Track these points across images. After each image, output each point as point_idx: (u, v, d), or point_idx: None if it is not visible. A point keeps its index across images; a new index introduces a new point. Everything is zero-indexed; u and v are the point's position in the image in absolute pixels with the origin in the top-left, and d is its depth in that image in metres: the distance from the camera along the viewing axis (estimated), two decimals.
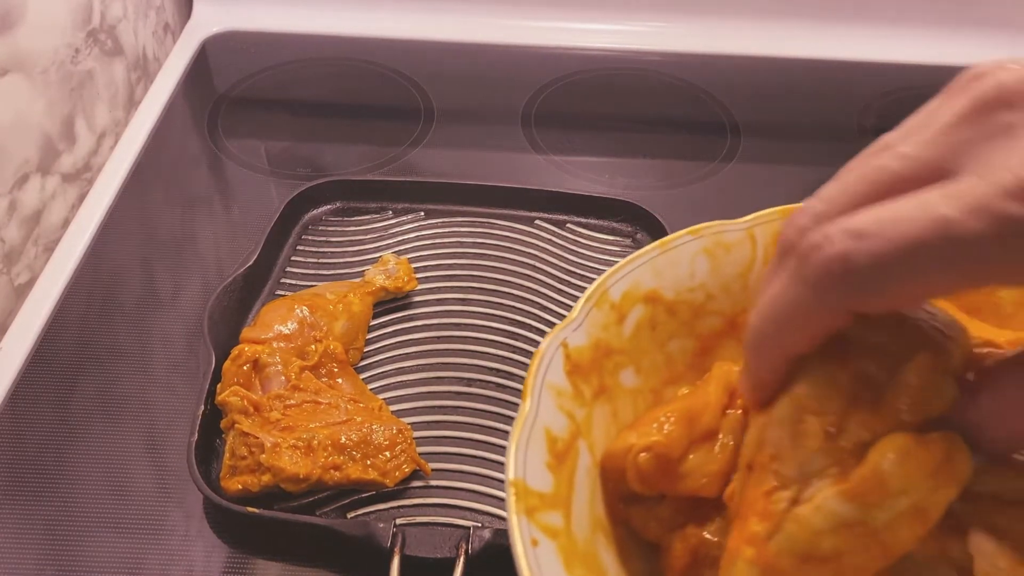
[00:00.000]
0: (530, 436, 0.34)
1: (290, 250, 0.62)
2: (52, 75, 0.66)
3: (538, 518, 0.32)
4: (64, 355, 0.56)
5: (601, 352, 0.39)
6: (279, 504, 0.47)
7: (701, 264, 0.42)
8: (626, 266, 0.40)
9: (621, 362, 0.40)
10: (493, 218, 0.65)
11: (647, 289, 0.40)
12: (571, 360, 0.37)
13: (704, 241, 0.42)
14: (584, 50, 0.85)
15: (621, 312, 0.40)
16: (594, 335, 0.39)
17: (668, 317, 0.41)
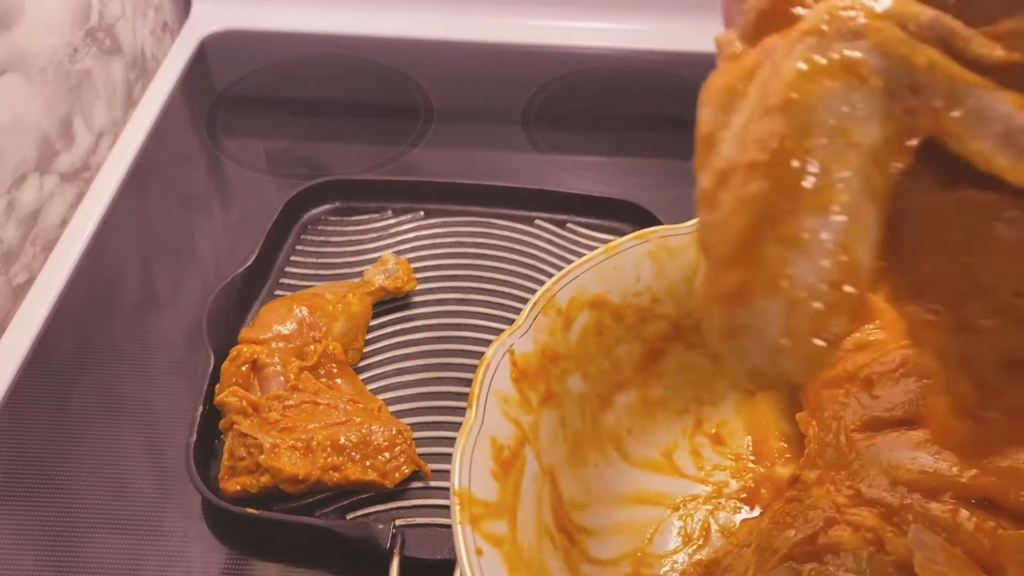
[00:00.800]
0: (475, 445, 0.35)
1: (289, 250, 0.62)
2: (50, 74, 0.66)
3: (482, 527, 0.33)
4: (62, 355, 0.56)
5: (548, 358, 0.39)
6: (278, 505, 0.47)
7: (646, 268, 0.42)
8: (572, 271, 0.41)
9: (568, 368, 0.40)
10: (493, 218, 0.64)
11: (593, 294, 0.41)
12: (517, 367, 0.38)
13: (649, 245, 0.42)
14: (584, 50, 0.85)
15: (568, 317, 0.40)
16: (540, 341, 0.39)
17: (614, 322, 0.42)
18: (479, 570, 0.31)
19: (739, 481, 0.44)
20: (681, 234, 0.43)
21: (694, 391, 0.46)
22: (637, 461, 0.44)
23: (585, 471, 0.41)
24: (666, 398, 0.45)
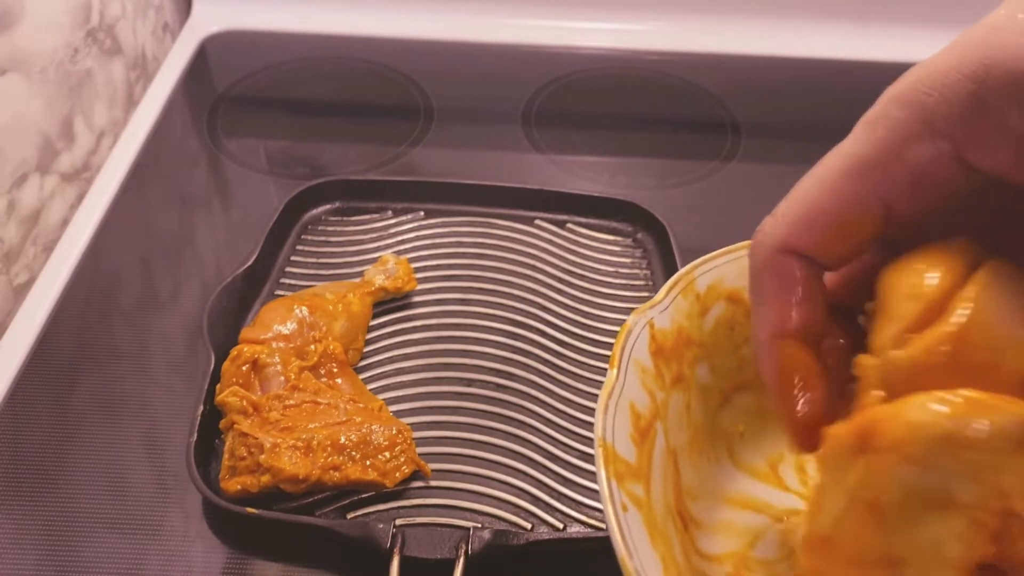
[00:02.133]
0: (617, 405, 0.34)
1: (289, 250, 0.62)
2: (51, 74, 0.66)
3: (625, 485, 0.32)
4: (63, 355, 0.56)
5: (683, 340, 0.39)
6: (278, 505, 0.47)
7: None
8: (713, 259, 0.40)
9: (699, 355, 0.40)
10: (493, 218, 0.64)
11: (731, 287, 0.40)
12: (656, 341, 0.37)
13: None
14: (584, 50, 0.85)
15: (704, 304, 0.40)
16: (677, 321, 0.39)
17: (746, 320, 0.41)
18: (626, 526, 0.31)
19: None
20: None
21: None
22: (744, 466, 0.43)
23: (699, 463, 0.41)
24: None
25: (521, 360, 0.55)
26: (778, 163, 0.74)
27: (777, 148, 0.75)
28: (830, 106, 0.80)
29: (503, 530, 0.45)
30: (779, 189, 0.79)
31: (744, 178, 0.72)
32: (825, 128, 0.78)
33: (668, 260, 0.59)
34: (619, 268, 0.61)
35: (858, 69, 0.84)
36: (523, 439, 0.51)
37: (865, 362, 0.29)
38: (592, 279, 0.60)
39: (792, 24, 0.85)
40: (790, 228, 0.29)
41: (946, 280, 0.28)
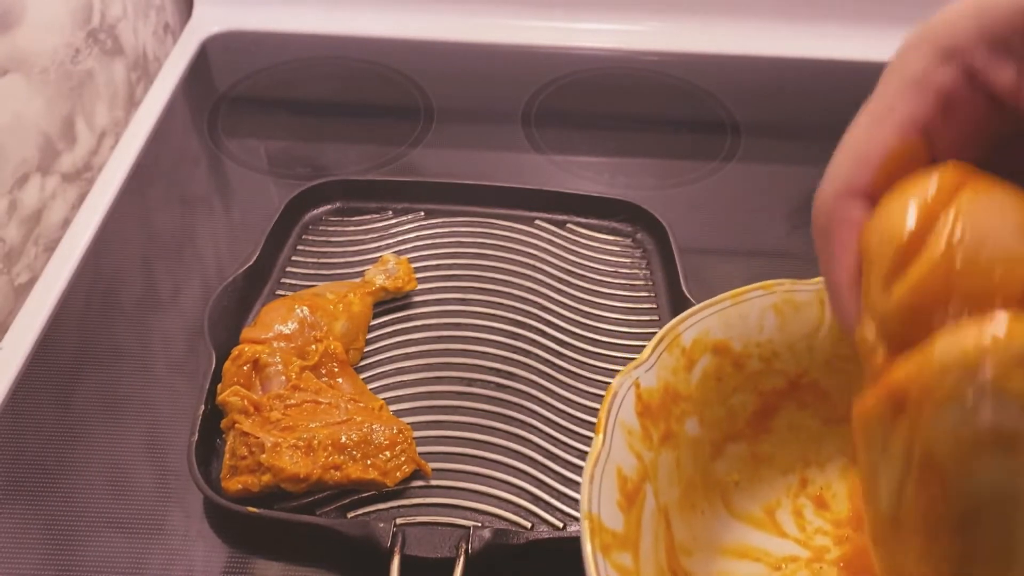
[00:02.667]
0: (603, 472, 0.34)
1: (290, 250, 0.62)
2: (52, 75, 0.66)
3: (612, 557, 0.32)
4: (64, 355, 0.56)
5: (669, 397, 0.39)
6: (279, 504, 0.47)
7: (770, 320, 0.42)
8: (697, 312, 0.40)
9: (687, 410, 0.40)
10: (493, 218, 0.65)
11: (716, 339, 0.41)
12: (642, 401, 0.37)
13: (775, 298, 0.42)
14: (584, 50, 0.85)
15: (691, 359, 0.40)
16: (664, 378, 0.39)
17: (734, 370, 0.41)
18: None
19: (839, 548, 0.43)
20: (807, 290, 0.42)
21: (801, 451, 0.45)
22: (740, 514, 0.43)
23: (693, 517, 0.41)
24: (774, 455, 0.44)
25: (521, 360, 0.55)
26: (778, 163, 0.74)
27: (777, 148, 0.75)
28: (830, 106, 0.80)
29: (503, 529, 0.45)
30: (779, 189, 0.79)
31: (744, 178, 0.72)
32: (825, 128, 0.78)
33: (668, 260, 0.59)
34: (619, 268, 0.61)
35: (858, 69, 0.84)
36: (523, 439, 0.51)
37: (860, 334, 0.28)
38: (592, 279, 0.61)
39: (792, 24, 0.85)
40: (848, 171, 0.30)
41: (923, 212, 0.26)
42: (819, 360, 0.42)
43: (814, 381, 0.43)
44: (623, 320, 0.58)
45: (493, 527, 0.46)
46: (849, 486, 0.45)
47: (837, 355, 0.42)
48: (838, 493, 0.45)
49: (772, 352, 0.42)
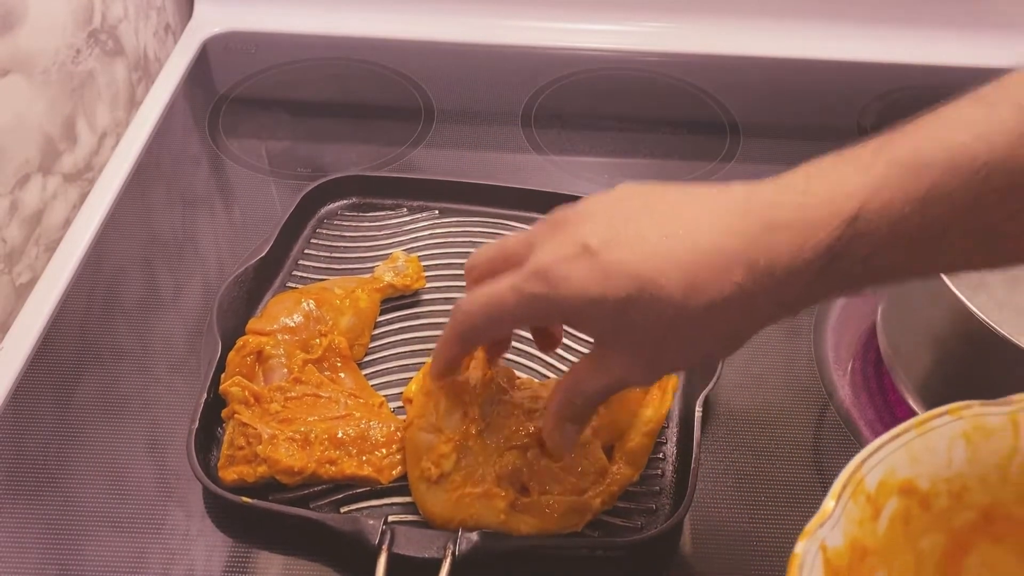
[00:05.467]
0: None
1: (304, 243, 0.62)
2: (53, 75, 0.66)
3: None
4: (65, 355, 0.57)
5: (857, 554, 0.35)
6: (274, 495, 0.47)
7: (959, 450, 0.38)
8: (880, 449, 0.36)
9: (874, 565, 0.36)
10: (507, 219, 0.64)
11: (902, 478, 0.37)
12: (831, 565, 0.33)
13: (964, 424, 0.38)
14: (584, 50, 0.85)
15: (876, 505, 0.36)
16: (850, 533, 0.35)
17: (922, 511, 0.37)
18: None
19: None
20: (1000, 412, 0.38)
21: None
22: None
23: None
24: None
25: (524, 363, 0.55)
26: (777, 163, 0.73)
27: (776, 148, 0.75)
28: (829, 106, 0.81)
29: (491, 533, 0.45)
30: None
31: (743, 178, 0.71)
32: (824, 128, 0.79)
33: None
34: None
35: (857, 69, 0.84)
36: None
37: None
38: None
39: (792, 25, 0.85)
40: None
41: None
42: (1013, 489, 0.39)
43: (1009, 513, 0.39)
44: None
45: (482, 530, 0.45)
46: None
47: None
48: None
49: (962, 486, 0.38)
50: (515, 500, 0.45)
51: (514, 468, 0.46)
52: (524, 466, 0.46)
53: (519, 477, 0.46)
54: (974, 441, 0.38)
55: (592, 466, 0.47)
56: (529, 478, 0.46)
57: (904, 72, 0.82)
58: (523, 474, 0.46)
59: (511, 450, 0.46)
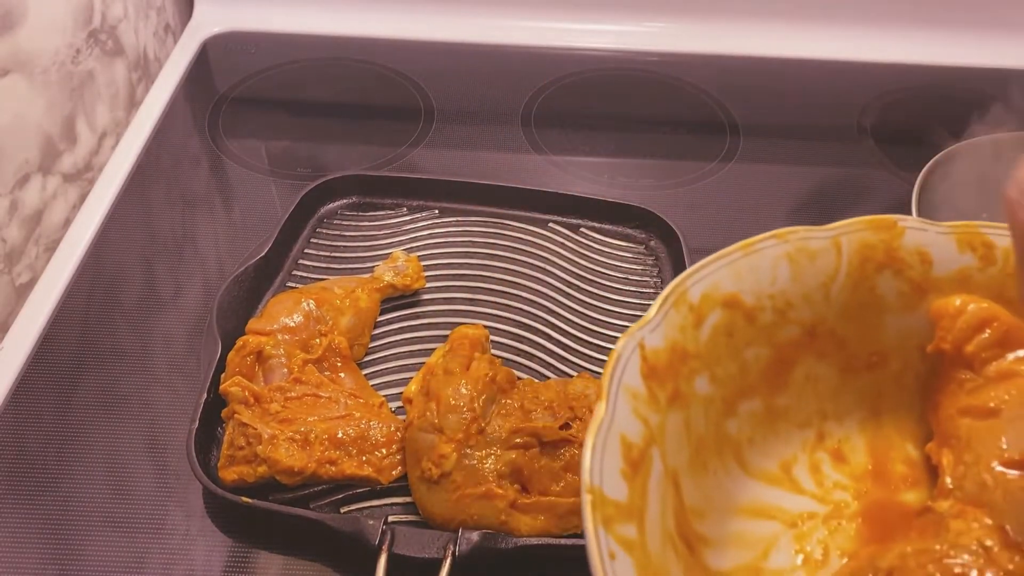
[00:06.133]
0: (606, 442, 0.33)
1: (304, 243, 0.62)
2: (53, 75, 0.66)
3: (615, 529, 0.31)
4: (65, 355, 0.57)
5: (677, 356, 0.37)
6: (274, 495, 0.47)
7: (783, 270, 0.40)
8: (706, 266, 0.39)
9: (696, 368, 0.38)
10: (507, 219, 0.64)
11: (726, 292, 0.39)
12: (648, 362, 0.36)
13: (788, 246, 0.40)
14: (584, 50, 0.85)
15: (699, 315, 0.38)
16: (671, 337, 0.37)
17: (746, 324, 0.40)
18: (612, 575, 0.30)
19: (859, 503, 0.42)
20: (823, 236, 0.41)
21: (819, 404, 0.44)
22: (755, 472, 0.42)
23: (705, 478, 0.39)
24: (789, 408, 0.43)
25: (525, 364, 0.55)
26: (778, 163, 0.74)
27: (776, 149, 0.75)
28: (829, 106, 0.81)
29: (491, 533, 0.45)
30: (779, 189, 0.79)
31: (743, 178, 0.72)
32: (824, 128, 0.79)
33: (679, 269, 0.59)
34: (629, 275, 0.61)
35: (857, 69, 0.84)
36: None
37: None
38: (601, 284, 0.60)
39: (791, 25, 0.85)
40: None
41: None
42: (837, 308, 0.41)
43: (831, 330, 0.42)
44: (628, 327, 0.58)
45: (481, 531, 0.45)
46: (868, 438, 0.44)
47: (856, 302, 0.41)
48: (857, 446, 0.43)
49: (786, 303, 0.40)
50: (515, 500, 0.45)
51: (514, 468, 0.46)
52: (524, 466, 0.46)
53: (519, 477, 0.46)
54: (798, 261, 0.40)
55: None
56: (529, 478, 0.46)
57: (904, 72, 0.82)
58: (523, 474, 0.46)
59: (512, 450, 0.46)
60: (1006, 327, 0.40)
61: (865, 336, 0.42)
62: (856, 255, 0.41)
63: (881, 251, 0.41)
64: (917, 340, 0.42)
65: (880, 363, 0.43)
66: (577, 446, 0.47)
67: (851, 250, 0.41)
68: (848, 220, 0.41)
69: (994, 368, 0.40)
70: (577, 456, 0.47)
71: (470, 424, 0.46)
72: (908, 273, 0.41)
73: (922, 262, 0.41)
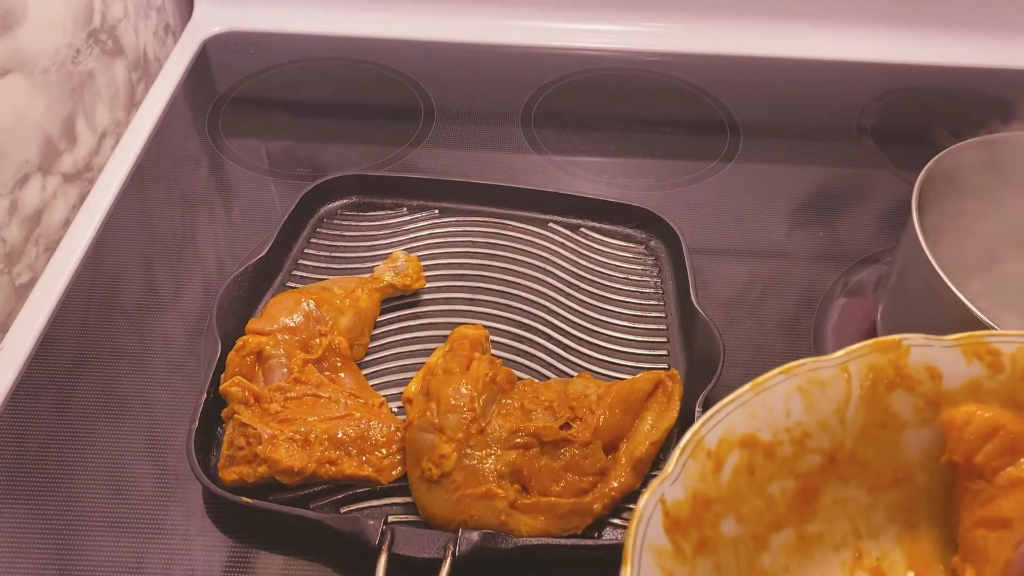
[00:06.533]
0: None
1: (304, 243, 0.62)
2: (53, 75, 0.66)
3: None
4: (65, 355, 0.57)
5: (700, 504, 0.38)
6: (274, 495, 0.47)
7: (796, 403, 0.41)
8: (719, 412, 0.39)
9: (720, 512, 0.39)
10: (507, 219, 0.64)
11: (743, 433, 0.40)
12: (670, 516, 0.36)
13: (797, 379, 0.41)
14: (584, 50, 0.85)
15: (718, 460, 0.39)
16: (691, 487, 0.37)
17: (766, 460, 0.40)
18: None
19: None
20: (830, 365, 0.41)
21: (852, 524, 0.44)
22: None
23: None
24: (823, 533, 0.43)
25: (525, 364, 0.55)
26: (778, 163, 0.74)
27: (776, 149, 0.75)
28: (829, 107, 0.81)
29: (491, 533, 0.45)
30: (779, 189, 0.79)
31: (743, 178, 0.72)
32: (824, 128, 0.79)
33: (679, 270, 0.59)
34: (629, 275, 0.61)
35: (858, 69, 0.84)
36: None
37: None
38: (602, 284, 0.60)
39: (792, 25, 0.85)
40: None
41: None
42: (854, 431, 0.42)
43: (852, 453, 0.42)
44: (630, 328, 0.58)
45: (482, 531, 0.45)
46: (906, 552, 0.44)
47: (872, 423, 0.42)
48: (896, 561, 0.44)
49: (804, 433, 0.41)
50: (515, 500, 0.45)
51: (514, 468, 0.46)
52: (524, 466, 0.46)
53: (519, 477, 0.46)
54: (809, 393, 0.41)
55: (593, 466, 0.47)
56: (529, 478, 0.46)
57: (904, 72, 0.82)
58: (523, 474, 0.46)
59: (512, 450, 0.46)
60: (1013, 434, 0.40)
61: (887, 454, 0.43)
62: (866, 378, 0.41)
63: (890, 371, 0.42)
64: (939, 452, 0.43)
65: (906, 478, 0.43)
66: (577, 446, 0.47)
67: (860, 374, 0.41)
68: (854, 346, 0.41)
69: (1004, 476, 0.40)
70: (577, 456, 0.47)
71: (470, 424, 0.46)
72: (919, 389, 0.42)
73: (932, 377, 0.42)
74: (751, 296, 0.62)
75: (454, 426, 0.46)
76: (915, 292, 0.52)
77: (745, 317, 0.60)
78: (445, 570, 0.43)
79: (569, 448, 0.47)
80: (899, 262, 0.54)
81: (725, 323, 0.59)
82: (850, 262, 0.64)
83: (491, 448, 0.46)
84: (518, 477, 0.46)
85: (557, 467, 0.47)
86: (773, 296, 0.62)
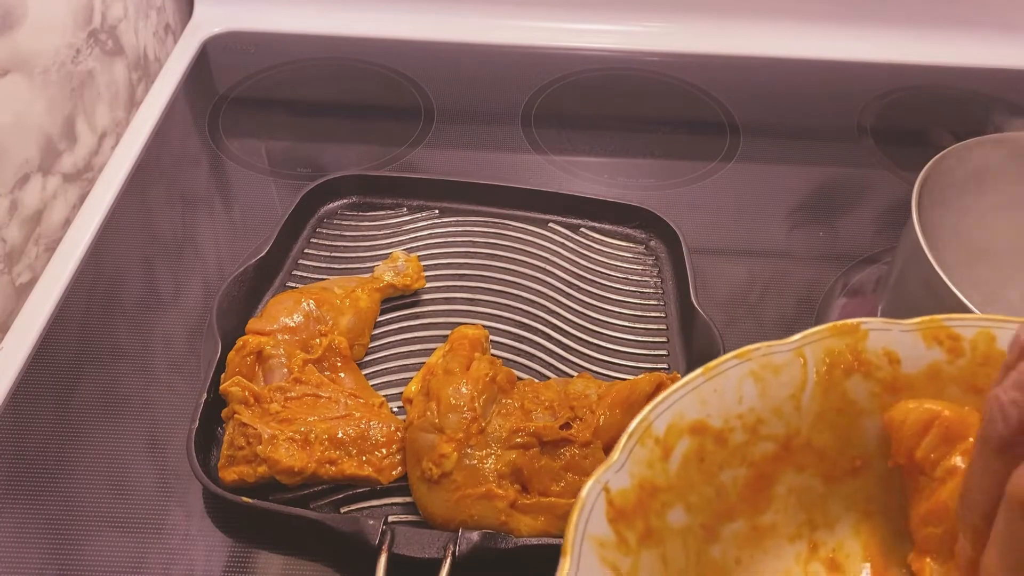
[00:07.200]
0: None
1: (304, 243, 0.62)
2: (53, 75, 0.66)
3: None
4: (65, 355, 0.57)
5: (646, 492, 0.36)
6: (274, 495, 0.48)
7: (749, 388, 0.40)
8: (668, 397, 0.38)
9: (668, 500, 0.37)
10: (507, 219, 0.64)
11: (692, 419, 0.38)
12: (614, 505, 0.35)
13: (751, 364, 0.39)
14: (584, 50, 0.85)
15: (666, 447, 0.37)
16: (638, 474, 0.36)
17: (717, 447, 0.39)
18: None
19: None
20: (784, 350, 0.40)
21: (807, 514, 0.42)
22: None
23: None
24: (776, 524, 0.42)
25: (525, 364, 0.55)
26: (777, 163, 0.74)
27: (776, 149, 0.75)
28: (829, 107, 0.81)
29: (491, 533, 0.45)
30: (779, 189, 0.79)
31: (743, 178, 0.72)
32: (824, 128, 0.79)
33: (679, 270, 0.59)
34: (629, 275, 0.61)
35: (857, 69, 0.84)
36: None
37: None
38: (602, 284, 0.60)
39: (792, 25, 0.85)
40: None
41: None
42: (810, 418, 0.41)
43: (807, 441, 0.41)
44: (630, 328, 0.58)
45: (481, 531, 0.45)
46: (864, 543, 0.43)
47: (828, 409, 0.41)
48: (853, 552, 0.42)
49: (756, 420, 0.40)
50: (515, 500, 0.45)
51: (514, 468, 0.46)
52: (524, 466, 0.46)
53: (519, 477, 0.46)
54: (763, 378, 0.39)
55: (593, 466, 0.47)
56: (529, 478, 0.46)
57: (904, 72, 0.82)
58: (523, 474, 0.46)
59: (512, 450, 0.46)
60: (947, 423, 0.39)
61: (844, 442, 0.42)
62: (822, 363, 0.40)
63: (847, 356, 0.40)
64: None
65: (864, 466, 0.42)
66: (577, 446, 0.47)
67: (816, 359, 0.40)
68: (810, 330, 0.40)
69: (942, 468, 0.39)
70: (577, 456, 0.47)
71: (470, 424, 0.46)
72: (877, 375, 0.41)
73: (890, 362, 0.41)
74: (751, 296, 0.62)
75: (454, 426, 0.46)
76: (915, 292, 0.52)
77: (745, 317, 0.60)
78: (445, 570, 0.43)
79: (569, 448, 0.47)
80: (899, 262, 0.54)
81: (725, 323, 0.59)
82: (850, 262, 0.64)
83: (491, 448, 0.46)
84: (518, 477, 0.46)
85: (557, 467, 0.47)
86: (773, 296, 0.62)
